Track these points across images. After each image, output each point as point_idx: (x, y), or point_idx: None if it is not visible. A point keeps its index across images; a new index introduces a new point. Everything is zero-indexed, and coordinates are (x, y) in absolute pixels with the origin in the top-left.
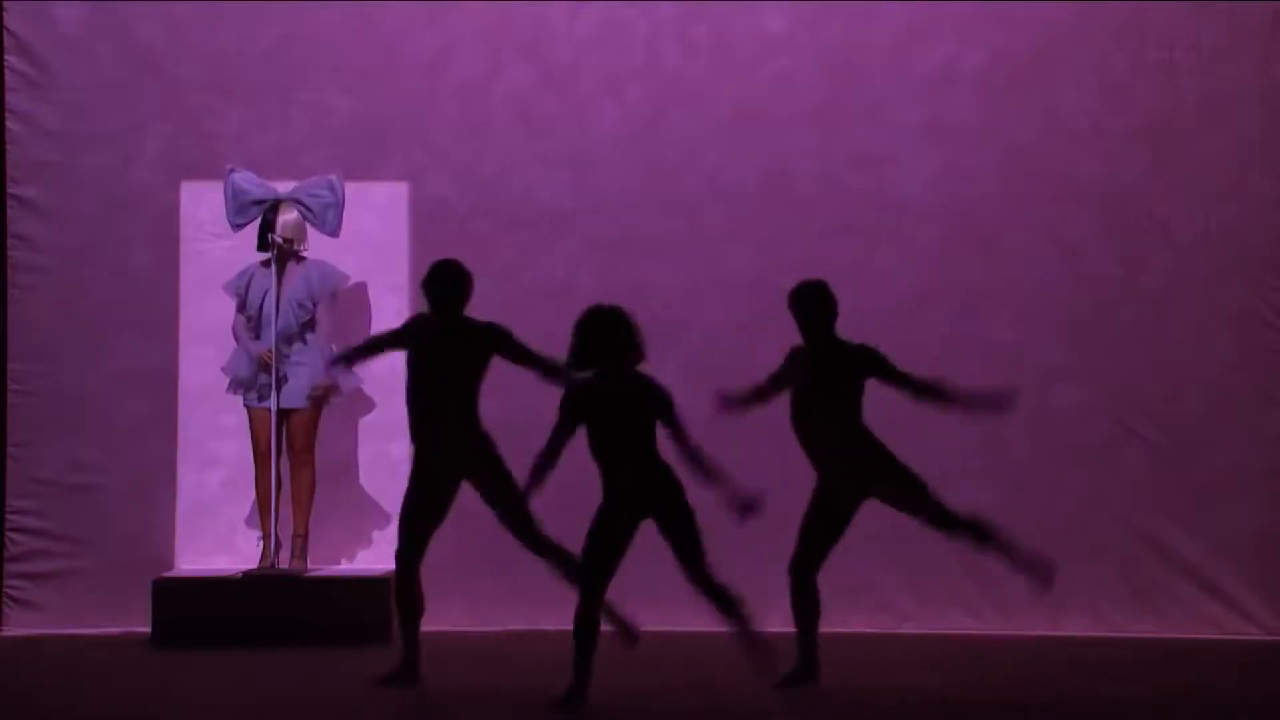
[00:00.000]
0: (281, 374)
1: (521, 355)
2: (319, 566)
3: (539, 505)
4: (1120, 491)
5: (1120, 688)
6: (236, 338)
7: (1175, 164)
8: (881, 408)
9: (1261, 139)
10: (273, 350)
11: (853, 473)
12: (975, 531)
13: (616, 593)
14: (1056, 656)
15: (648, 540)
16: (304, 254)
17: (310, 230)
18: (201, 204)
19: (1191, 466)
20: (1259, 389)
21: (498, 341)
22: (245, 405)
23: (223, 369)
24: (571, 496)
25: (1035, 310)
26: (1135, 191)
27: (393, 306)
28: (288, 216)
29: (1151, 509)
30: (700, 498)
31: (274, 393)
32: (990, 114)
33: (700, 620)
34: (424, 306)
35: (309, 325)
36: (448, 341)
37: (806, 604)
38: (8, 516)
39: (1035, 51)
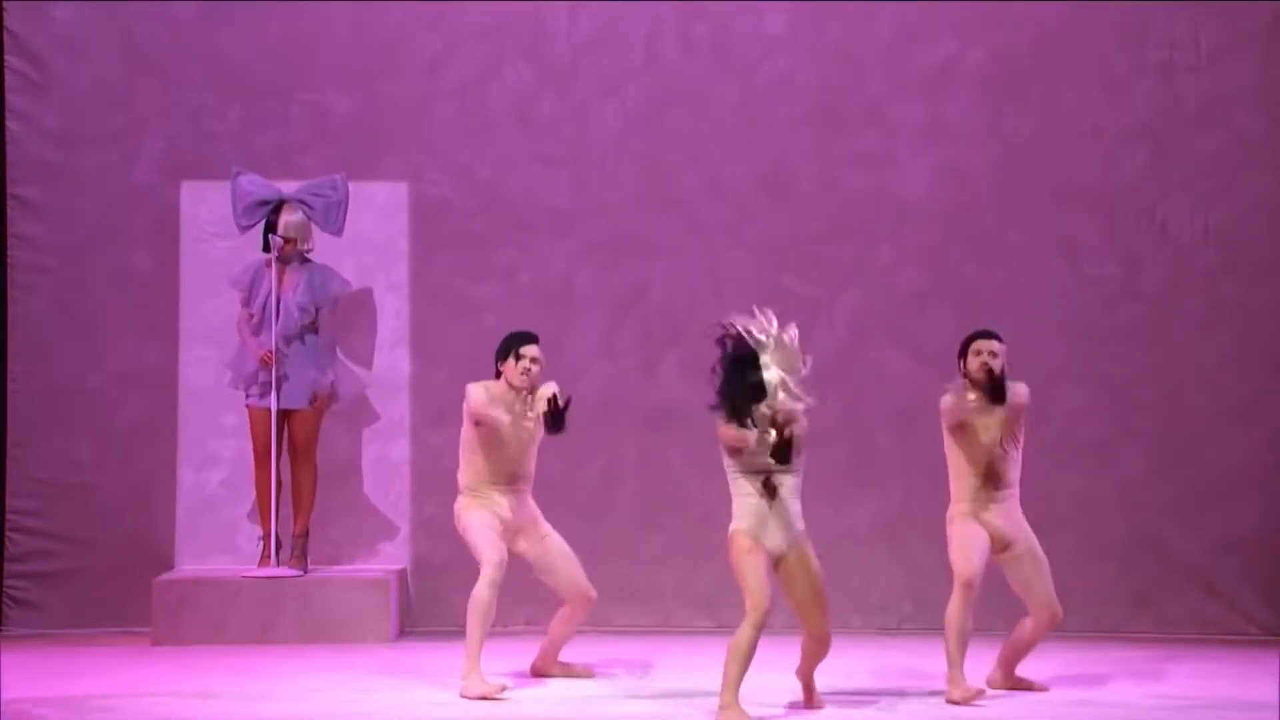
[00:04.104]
0: (281, 374)
1: None
2: (319, 566)
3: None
4: (1120, 491)
5: (1121, 687)
6: (240, 333)
7: (1175, 164)
8: (882, 411)
9: (1261, 139)
10: (273, 351)
11: None
12: None
13: (615, 594)
14: (1056, 656)
15: (649, 541)
16: (309, 255)
17: (314, 230)
18: (201, 204)
19: (1191, 466)
20: (1259, 389)
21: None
22: (246, 405)
23: (226, 364)
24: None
25: (1035, 310)
26: (1135, 191)
27: (393, 307)
28: (291, 217)
29: (1151, 509)
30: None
31: (274, 393)
32: (990, 114)
33: (700, 620)
34: (423, 307)
35: (310, 327)
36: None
37: None
38: (8, 516)
39: (1035, 51)
